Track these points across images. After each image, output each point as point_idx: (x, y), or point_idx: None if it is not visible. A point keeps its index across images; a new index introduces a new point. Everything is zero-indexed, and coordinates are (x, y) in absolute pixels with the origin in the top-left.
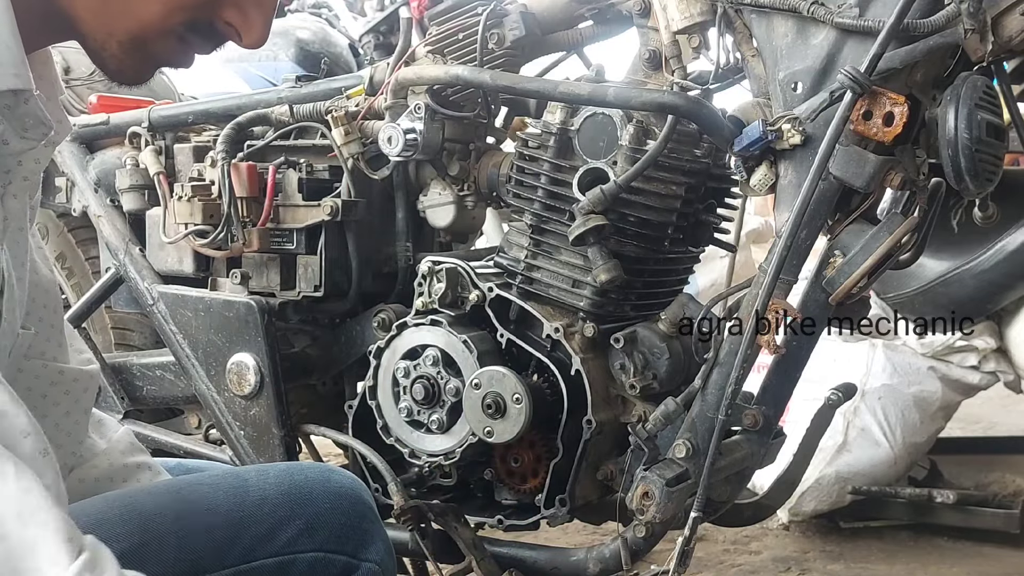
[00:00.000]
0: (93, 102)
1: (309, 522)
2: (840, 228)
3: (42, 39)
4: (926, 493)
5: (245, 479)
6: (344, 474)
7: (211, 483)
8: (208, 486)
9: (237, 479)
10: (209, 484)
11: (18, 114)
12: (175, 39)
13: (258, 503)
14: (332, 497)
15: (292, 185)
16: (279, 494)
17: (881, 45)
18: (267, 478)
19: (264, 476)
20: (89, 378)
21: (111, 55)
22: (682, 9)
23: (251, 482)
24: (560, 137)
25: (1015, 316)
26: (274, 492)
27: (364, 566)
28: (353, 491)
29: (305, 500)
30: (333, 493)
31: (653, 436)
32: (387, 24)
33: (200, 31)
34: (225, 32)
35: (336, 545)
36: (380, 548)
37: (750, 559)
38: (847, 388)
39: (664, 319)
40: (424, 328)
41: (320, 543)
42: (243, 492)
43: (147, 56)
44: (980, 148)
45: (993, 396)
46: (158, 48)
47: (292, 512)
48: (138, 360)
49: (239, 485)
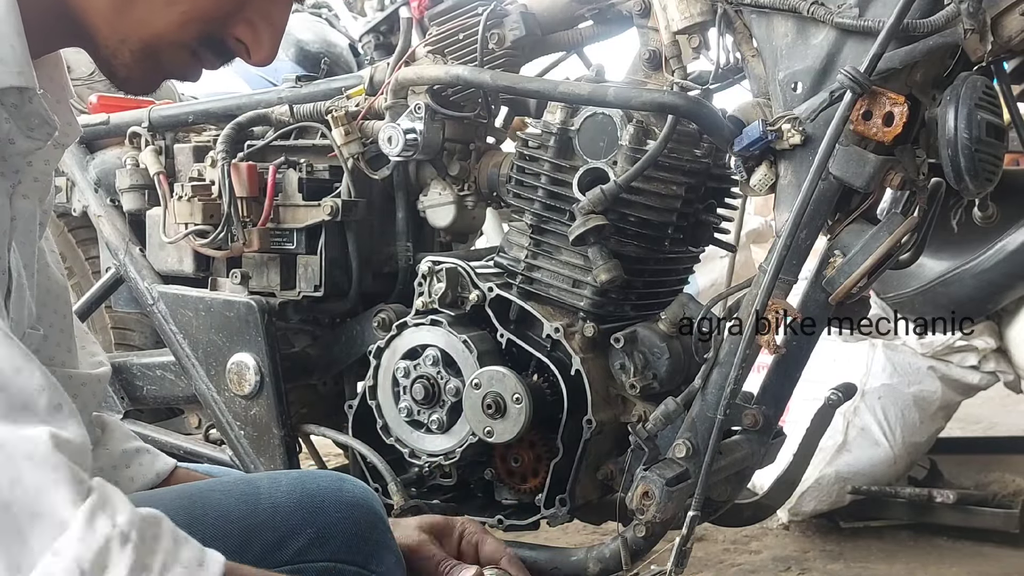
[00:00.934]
0: (93, 102)
1: (320, 531)
2: (840, 228)
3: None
4: (926, 493)
5: (257, 486)
6: (356, 483)
7: (223, 490)
8: (220, 492)
9: (249, 486)
10: (221, 491)
11: (23, 113)
12: (187, 52)
13: (270, 511)
14: (344, 507)
15: (292, 185)
16: (291, 502)
17: (881, 45)
18: (279, 486)
19: (276, 484)
20: (97, 382)
21: (122, 63)
22: (682, 9)
23: (263, 490)
24: (560, 137)
25: (1015, 316)
26: (286, 500)
27: None
28: (365, 501)
29: (317, 509)
30: (345, 503)
31: (653, 436)
32: (387, 24)
33: (211, 46)
34: (235, 49)
35: (347, 555)
36: (390, 560)
37: (750, 559)
38: (847, 388)
39: (664, 319)
40: (424, 328)
41: (331, 553)
42: (255, 499)
43: (157, 66)
44: (980, 148)
45: (993, 396)
46: (169, 59)
47: (304, 521)
48: (138, 360)
49: (251, 492)
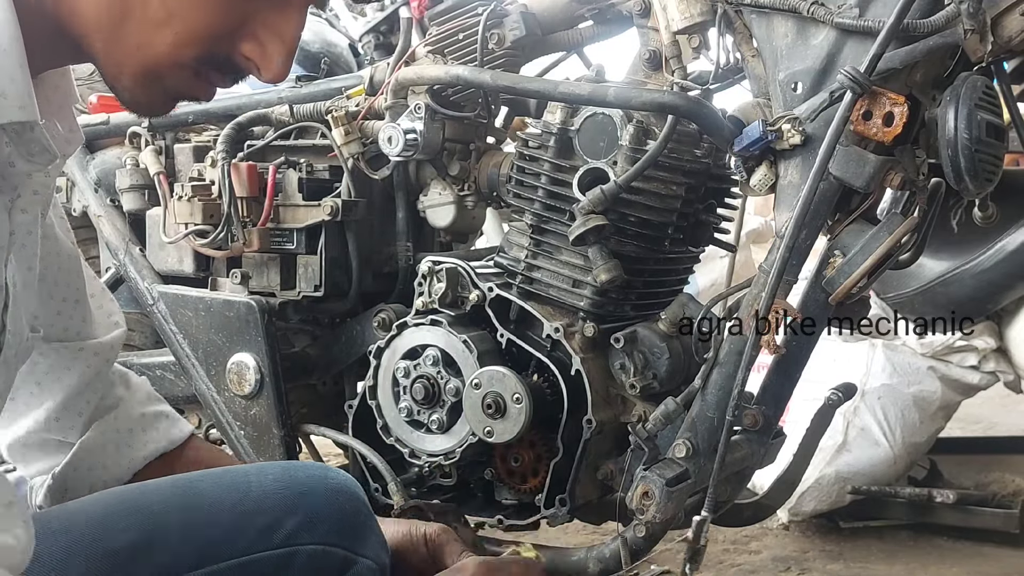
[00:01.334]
0: (93, 102)
1: (308, 516)
2: (840, 228)
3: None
4: (926, 493)
5: (247, 475)
6: (340, 472)
7: (214, 480)
8: (211, 483)
9: (239, 475)
10: (212, 481)
11: (24, 139)
12: (189, 72)
13: (260, 498)
14: (330, 493)
15: (292, 185)
16: (280, 489)
17: (881, 45)
18: (267, 475)
19: (263, 473)
20: (110, 349)
21: (124, 87)
22: (682, 9)
23: (252, 478)
24: (560, 137)
25: (1015, 316)
26: (275, 487)
27: (361, 562)
28: (349, 488)
29: (304, 495)
30: (331, 489)
31: (653, 436)
32: (387, 24)
33: (216, 65)
34: (244, 66)
35: (335, 539)
36: (376, 544)
37: (750, 559)
38: (847, 388)
39: (664, 319)
40: (424, 328)
41: (320, 536)
42: (245, 487)
43: (161, 89)
44: (980, 148)
45: (993, 396)
46: (173, 82)
47: (292, 506)
48: (138, 360)
49: (241, 481)
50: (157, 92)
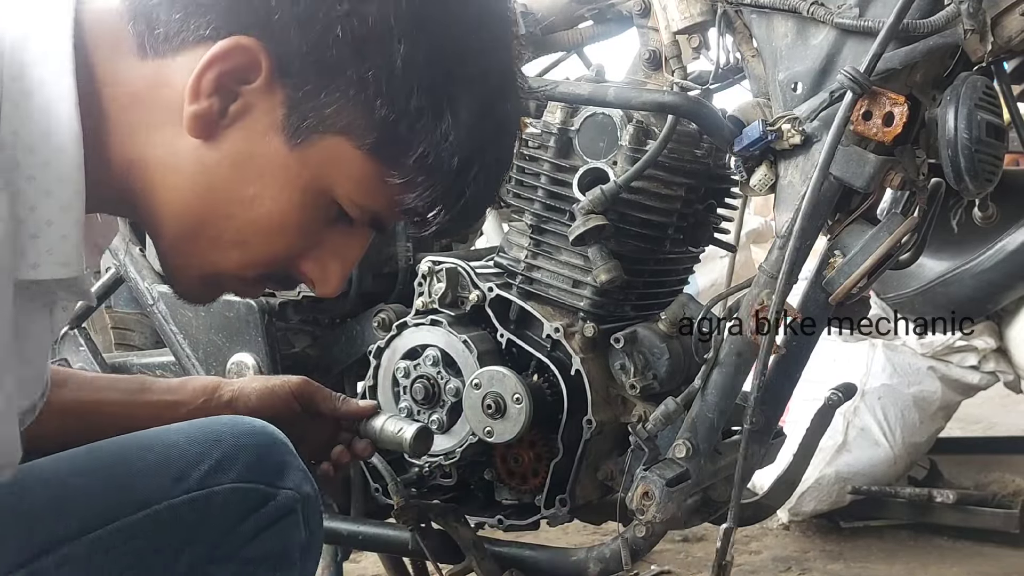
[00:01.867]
0: None
1: (220, 461)
2: (840, 228)
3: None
4: (926, 493)
5: (155, 434)
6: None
7: (121, 442)
8: (118, 444)
9: (145, 436)
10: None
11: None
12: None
13: (166, 448)
14: (241, 435)
15: None
16: (187, 441)
17: (881, 45)
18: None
19: (170, 430)
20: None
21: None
22: (682, 9)
23: (159, 435)
24: (560, 137)
25: (1015, 316)
26: (183, 439)
27: (282, 493)
28: (263, 429)
29: (214, 443)
30: (242, 432)
31: (653, 436)
32: None
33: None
34: (301, 280)
35: (251, 476)
36: (297, 476)
37: (750, 559)
38: (847, 388)
39: (664, 319)
40: (424, 328)
41: (235, 476)
42: (150, 443)
43: (218, 289)
44: (980, 148)
45: (993, 396)
46: (230, 287)
47: (203, 452)
48: (138, 360)
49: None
50: (213, 291)
